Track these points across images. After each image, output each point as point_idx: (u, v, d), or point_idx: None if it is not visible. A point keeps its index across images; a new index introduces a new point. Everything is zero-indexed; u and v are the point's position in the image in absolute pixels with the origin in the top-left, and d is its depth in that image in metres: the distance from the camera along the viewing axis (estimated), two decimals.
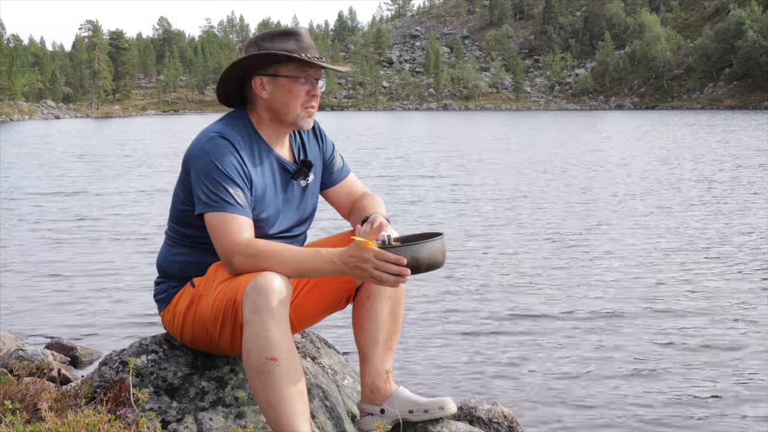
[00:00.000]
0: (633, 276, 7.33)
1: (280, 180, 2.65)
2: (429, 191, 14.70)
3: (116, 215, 11.91)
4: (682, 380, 4.63)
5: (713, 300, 6.41)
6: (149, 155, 26.09)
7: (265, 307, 2.29)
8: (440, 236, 2.37)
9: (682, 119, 56.55)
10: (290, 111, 2.59)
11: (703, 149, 24.96)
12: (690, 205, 12.19)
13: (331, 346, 3.25)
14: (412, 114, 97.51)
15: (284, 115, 2.60)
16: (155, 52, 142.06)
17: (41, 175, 19.04)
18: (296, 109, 2.59)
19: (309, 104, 2.60)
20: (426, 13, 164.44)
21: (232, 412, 2.59)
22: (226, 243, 2.43)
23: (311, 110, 2.62)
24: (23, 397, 2.59)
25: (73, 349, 5.11)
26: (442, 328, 5.74)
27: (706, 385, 4.56)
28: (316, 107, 2.63)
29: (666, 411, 4.19)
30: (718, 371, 4.77)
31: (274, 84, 2.57)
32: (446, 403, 2.77)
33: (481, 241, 9.34)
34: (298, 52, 2.55)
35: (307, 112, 2.61)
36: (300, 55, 2.54)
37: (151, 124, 63.56)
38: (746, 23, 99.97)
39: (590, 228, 10.18)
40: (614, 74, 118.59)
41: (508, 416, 3.29)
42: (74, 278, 7.51)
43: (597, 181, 16.16)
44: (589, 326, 5.72)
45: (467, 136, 38.27)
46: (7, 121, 74.61)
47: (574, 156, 23.31)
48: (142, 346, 2.76)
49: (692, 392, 4.45)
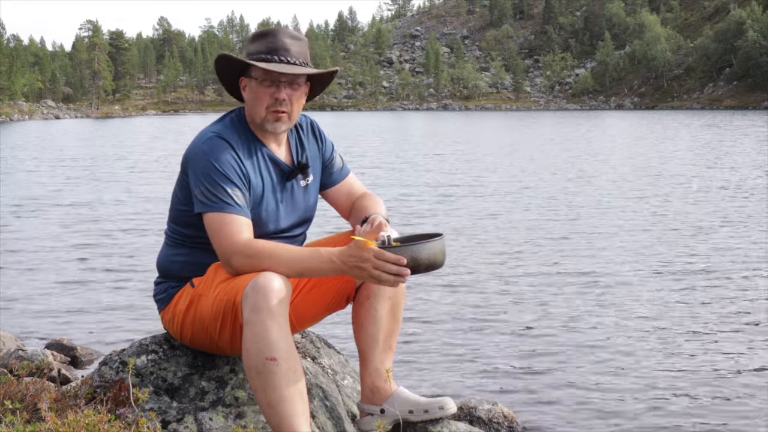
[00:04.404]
0: (634, 276, 7.33)
1: (277, 180, 2.65)
2: (429, 191, 14.69)
3: (116, 215, 11.90)
4: (682, 380, 4.63)
5: (715, 301, 6.41)
6: (149, 155, 26.08)
7: (265, 307, 2.29)
8: (440, 236, 2.37)
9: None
10: (257, 113, 2.58)
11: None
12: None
13: (331, 346, 3.25)
14: (413, 114, 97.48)
15: (253, 117, 2.60)
16: (155, 52, 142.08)
17: (41, 175, 19.03)
18: (261, 111, 2.57)
19: (275, 108, 2.56)
20: (426, 13, 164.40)
21: (232, 412, 2.59)
22: (225, 243, 2.43)
23: (279, 114, 2.57)
24: (23, 397, 2.59)
25: (73, 349, 5.11)
26: (442, 327, 5.74)
27: (706, 385, 4.56)
28: (286, 111, 2.58)
29: (666, 411, 4.19)
30: (719, 372, 4.77)
31: (249, 86, 2.59)
32: (446, 403, 2.77)
33: (481, 242, 9.34)
34: (264, 54, 2.54)
35: (274, 116, 2.57)
36: (252, 58, 2.54)
37: (152, 125, 63.54)
38: (746, 23, 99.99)
39: (591, 228, 10.18)
40: (614, 74, 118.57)
41: (508, 416, 3.30)
42: (74, 278, 7.51)
43: (599, 180, 16.16)
44: (590, 327, 5.72)
45: (467, 135, 38.26)
46: (7, 121, 74.58)
47: (580, 156, 23.31)
48: (142, 346, 2.76)
49: (692, 392, 4.45)
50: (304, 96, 2.64)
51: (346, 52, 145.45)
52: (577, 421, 4.09)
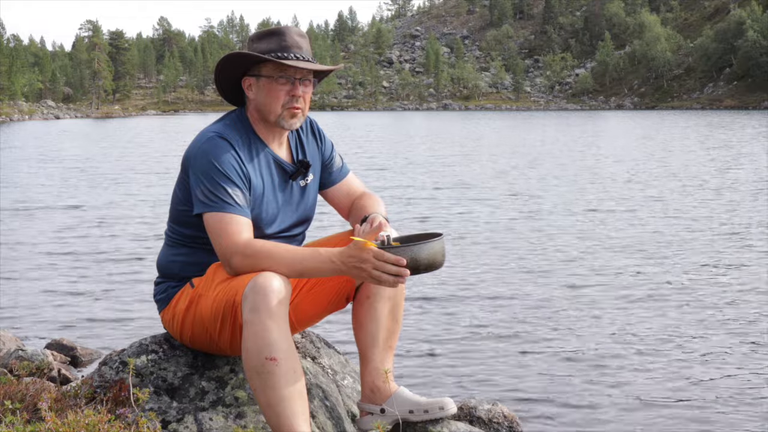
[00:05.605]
0: (636, 277, 7.32)
1: (278, 180, 2.64)
2: (428, 191, 14.69)
3: (116, 215, 11.90)
4: (682, 380, 4.63)
5: (717, 302, 6.41)
6: (149, 156, 26.08)
7: (265, 307, 2.29)
8: (440, 237, 2.37)
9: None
10: (271, 111, 2.58)
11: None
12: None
13: (331, 346, 3.25)
14: (413, 114, 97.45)
15: (267, 116, 2.59)
16: (155, 52, 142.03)
17: (42, 175, 19.03)
18: (277, 109, 2.57)
19: (291, 104, 2.57)
20: (426, 13, 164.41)
21: (232, 412, 2.59)
22: (224, 243, 2.43)
23: (295, 111, 2.58)
24: (23, 397, 2.59)
25: (73, 349, 5.11)
26: (442, 327, 5.74)
27: (706, 384, 4.55)
28: (301, 107, 2.59)
29: (666, 411, 4.19)
30: (720, 372, 4.76)
31: (258, 84, 2.58)
32: (446, 404, 2.77)
33: (481, 242, 9.34)
34: (277, 52, 2.54)
35: (290, 113, 2.58)
36: (271, 56, 2.53)
37: (152, 125, 63.52)
38: (746, 23, 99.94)
39: (592, 229, 10.18)
40: (614, 74, 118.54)
41: (508, 416, 3.30)
42: (74, 278, 7.51)
43: (600, 180, 16.16)
44: (590, 327, 5.72)
45: (467, 135, 38.26)
46: (7, 121, 74.56)
47: (580, 155, 23.31)
48: (142, 346, 2.76)
49: (693, 392, 4.45)
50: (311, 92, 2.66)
51: (346, 52, 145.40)
52: (578, 421, 4.09)
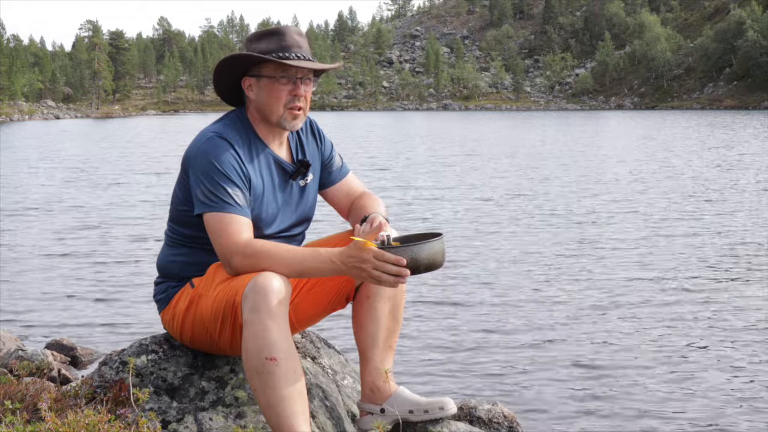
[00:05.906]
0: (637, 277, 7.32)
1: (278, 180, 2.64)
2: (428, 191, 14.69)
3: (116, 215, 11.90)
4: (682, 381, 4.63)
5: (718, 303, 6.41)
6: (149, 155, 26.07)
7: (265, 307, 2.29)
8: (440, 237, 2.37)
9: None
10: (273, 111, 2.57)
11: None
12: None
13: (331, 346, 3.25)
14: (413, 114, 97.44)
15: (268, 116, 2.59)
16: (155, 52, 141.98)
17: (42, 175, 19.03)
18: (279, 109, 2.56)
19: (292, 104, 2.56)
20: (426, 13, 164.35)
21: (232, 412, 2.59)
22: (225, 243, 2.43)
23: (296, 111, 2.57)
24: (23, 397, 2.59)
25: (73, 349, 5.11)
26: (442, 327, 5.74)
27: (706, 384, 4.55)
28: (302, 107, 2.59)
29: (666, 411, 4.19)
30: (720, 372, 4.77)
31: (259, 85, 2.57)
32: (446, 404, 2.77)
33: (481, 242, 9.34)
34: (278, 52, 2.53)
35: (291, 113, 2.57)
36: (272, 56, 2.52)
37: (152, 125, 63.51)
38: (746, 23, 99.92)
39: (593, 229, 10.18)
40: (614, 74, 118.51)
41: (508, 416, 3.29)
42: (74, 278, 7.51)
43: (601, 180, 16.16)
44: (590, 327, 5.72)
45: (467, 135, 38.25)
46: (7, 121, 74.55)
47: (581, 155, 23.31)
48: (142, 346, 2.76)
49: (693, 393, 4.45)
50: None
51: (346, 52, 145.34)
52: (578, 421, 4.09)
